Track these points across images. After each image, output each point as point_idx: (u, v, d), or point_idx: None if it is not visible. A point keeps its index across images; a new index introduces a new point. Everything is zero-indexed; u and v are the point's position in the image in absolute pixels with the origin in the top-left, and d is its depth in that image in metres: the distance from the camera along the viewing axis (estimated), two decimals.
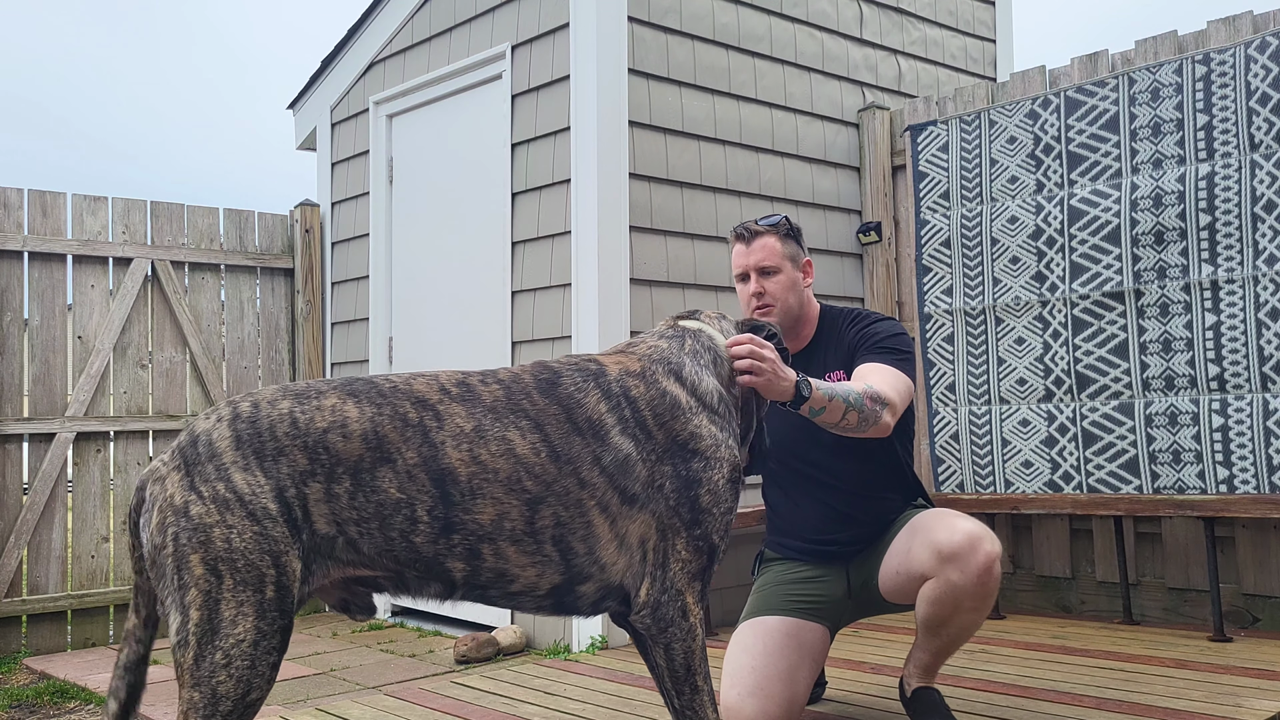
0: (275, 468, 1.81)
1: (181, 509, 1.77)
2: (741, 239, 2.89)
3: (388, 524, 1.86)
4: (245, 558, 1.75)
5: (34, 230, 4.97)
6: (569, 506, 1.96)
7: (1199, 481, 3.98)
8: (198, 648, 1.73)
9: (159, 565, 1.78)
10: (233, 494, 1.77)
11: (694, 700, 2.05)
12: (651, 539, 2.03)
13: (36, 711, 3.84)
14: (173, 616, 1.75)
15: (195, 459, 1.81)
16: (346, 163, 5.67)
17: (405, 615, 5.28)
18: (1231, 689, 3.13)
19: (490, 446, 1.93)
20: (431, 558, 1.90)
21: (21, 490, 4.89)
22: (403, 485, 1.87)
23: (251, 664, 1.74)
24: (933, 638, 2.74)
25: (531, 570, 1.96)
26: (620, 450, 2.02)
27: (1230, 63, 3.99)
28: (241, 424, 1.84)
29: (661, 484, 2.03)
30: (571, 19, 4.40)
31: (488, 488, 1.91)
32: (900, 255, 5.11)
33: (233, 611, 1.74)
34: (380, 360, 5.38)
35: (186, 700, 1.72)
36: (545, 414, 2.00)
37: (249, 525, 1.76)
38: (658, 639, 2.03)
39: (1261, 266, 3.88)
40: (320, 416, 1.87)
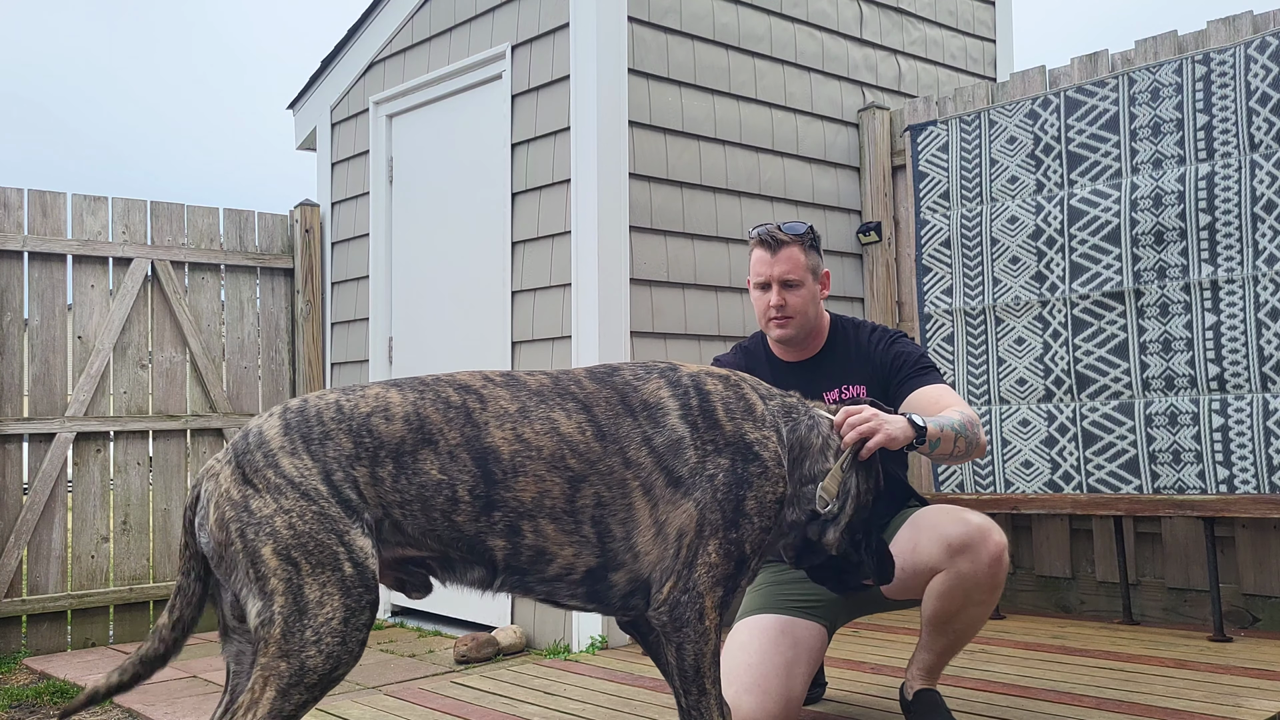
0: (322, 451, 1.85)
1: (240, 503, 1.80)
2: (766, 246, 2.84)
3: (429, 505, 1.90)
4: (314, 539, 1.78)
5: (34, 230, 4.97)
6: (611, 486, 2.00)
7: (1199, 481, 3.98)
8: (284, 625, 1.77)
9: (227, 560, 1.81)
10: (283, 478, 1.81)
11: (701, 702, 2.06)
12: (689, 534, 2.04)
13: (36, 711, 3.84)
14: (252, 602, 1.79)
15: (245, 449, 1.86)
16: (346, 163, 5.67)
17: (405, 615, 5.28)
18: (1231, 689, 3.13)
19: (535, 425, 1.98)
20: (473, 536, 1.94)
21: (21, 490, 4.89)
22: (444, 466, 1.92)
23: (342, 640, 1.78)
24: (939, 635, 2.73)
25: (569, 549, 1.99)
26: (674, 433, 2.06)
27: (1230, 63, 3.99)
28: (290, 414, 1.91)
29: (714, 474, 2.05)
30: (571, 19, 4.40)
31: (530, 465, 1.95)
32: (900, 255, 5.11)
33: (318, 593, 1.77)
34: (380, 360, 5.38)
35: (271, 668, 1.76)
36: (595, 397, 2.06)
37: (306, 506, 1.79)
38: (671, 637, 2.04)
39: (1261, 266, 3.88)
40: (364, 403, 1.93)
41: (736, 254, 4.74)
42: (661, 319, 4.46)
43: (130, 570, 5.15)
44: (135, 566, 5.17)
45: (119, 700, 3.88)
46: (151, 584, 5.18)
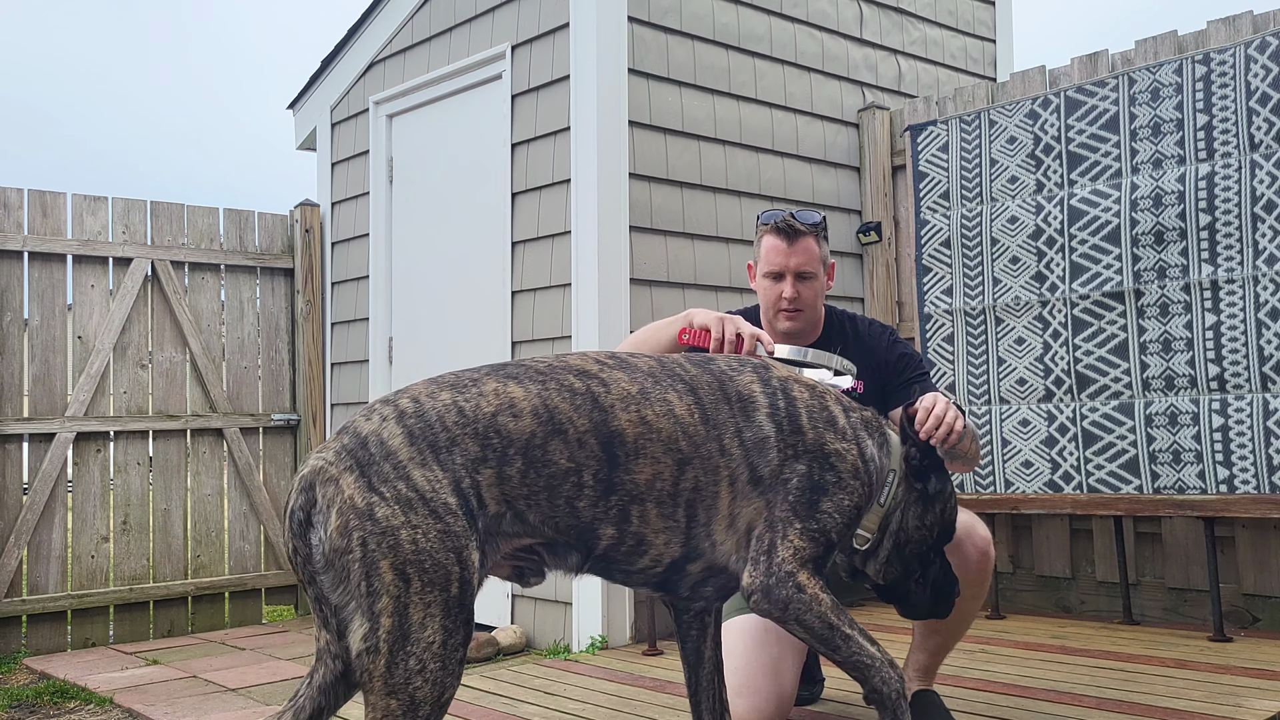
0: (450, 459, 1.81)
1: (366, 512, 1.73)
2: (783, 235, 2.77)
3: (556, 493, 1.89)
4: (432, 558, 1.73)
5: (34, 230, 4.97)
6: (708, 472, 2.01)
7: (1199, 481, 3.98)
8: (389, 655, 1.70)
9: (339, 568, 1.74)
10: (414, 492, 1.76)
11: (848, 646, 2.05)
12: (758, 526, 2.04)
13: (36, 711, 3.84)
14: (357, 623, 1.72)
15: (369, 459, 1.78)
16: (346, 163, 5.67)
17: None
18: (1231, 689, 3.13)
19: (655, 407, 1.99)
20: (588, 522, 1.93)
21: (21, 490, 4.89)
22: (573, 454, 1.91)
23: (443, 665, 1.74)
24: (931, 634, 2.74)
25: (662, 538, 1.99)
26: (762, 430, 2.06)
27: (1230, 63, 3.99)
28: (410, 419, 1.83)
29: (789, 479, 2.06)
30: (571, 19, 4.40)
31: (650, 447, 1.96)
32: (900, 255, 5.11)
33: (421, 614, 1.72)
34: (380, 360, 5.38)
35: (382, 708, 1.70)
36: (698, 380, 2.07)
37: (433, 524, 1.75)
38: (784, 619, 2.04)
39: (1261, 266, 3.88)
40: (485, 402, 1.89)
41: (736, 254, 4.74)
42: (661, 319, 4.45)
43: (130, 570, 5.14)
44: (135, 566, 5.17)
45: (119, 700, 3.88)
46: (151, 584, 5.18)
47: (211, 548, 5.41)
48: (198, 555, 5.36)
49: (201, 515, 5.40)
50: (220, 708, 3.71)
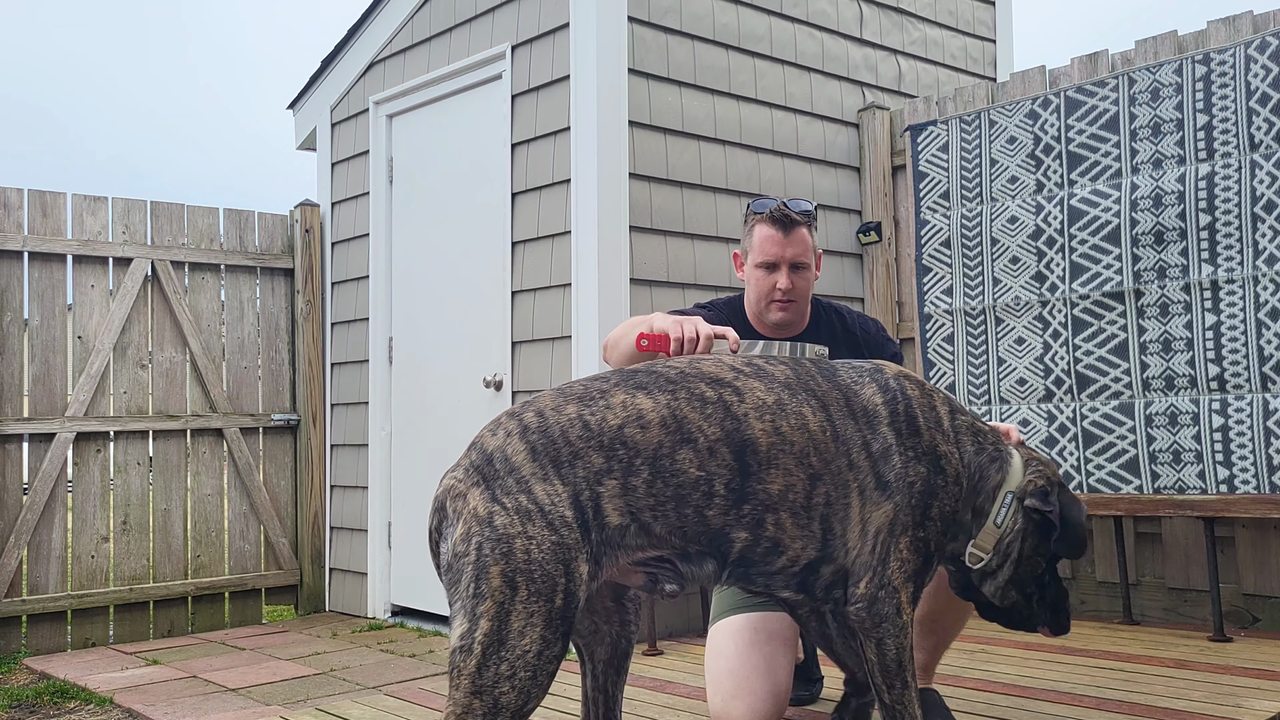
0: (572, 473, 1.84)
1: (486, 519, 1.78)
2: (778, 225, 2.73)
3: (684, 502, 1.91)
4: (542, 568, 1.76)
5: (34, 230, 4.97)
6: (838, 486, 2.04)
7: (1199, 481, 3.98)
8: (482, 656, 1.73)
9: (455, 571, 1.79)
10: (534, 505, 1.80)
11: (904, 695, 2.08)
12: (884, 531, 2.07)
13: (36, 711, 3.84)
14: (459, 621, 1.76)
15: (494, 474, 1.83)
16: (346, 163, 5.67)
17: (405, 615, 5.28)
18: (1231, 689, 3.13)
19: (790, 420, 2.01)
20: (719, 529, 1.95)
21: (21, 490, 4.89)
22: (703, 463, 1.93)
23: (534, 675, 1.75)
24: (928, 634, 2.74)
25: (798, 543, 2.02)
26: (885, 440, 2.09)
27: (1230, 63, 3.99)
28: (533, 435, 1.87)
29: (913, 481, 2.09)
30: (571, 19, 4.40)
31: (782, 459, 1.98)
32: (900, 255, 5.11)
33: (522, 623, 1.74)
34: (380, 360, 5.39)
35: (464, 705, 1.73)
36: (829, 396, 2.09)
37: (548, 535, 1.78)
38: (871, 633, 2.07)
39: (1261, 266, 3.88)
40: (612, 415, 1.91)
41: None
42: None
43: (130, 570, 5.14)
44: (135, 566, 5.17)
45: (119, 700, 3.88)
46: (151, 584, 5.18)
47: (211, 548, 5.41)
48: (198, 555, 5.36)
49: (201, 515, 5.40)
50: (220, 708, 3.71)
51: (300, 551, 5.65)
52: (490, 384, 4.70)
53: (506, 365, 4.65)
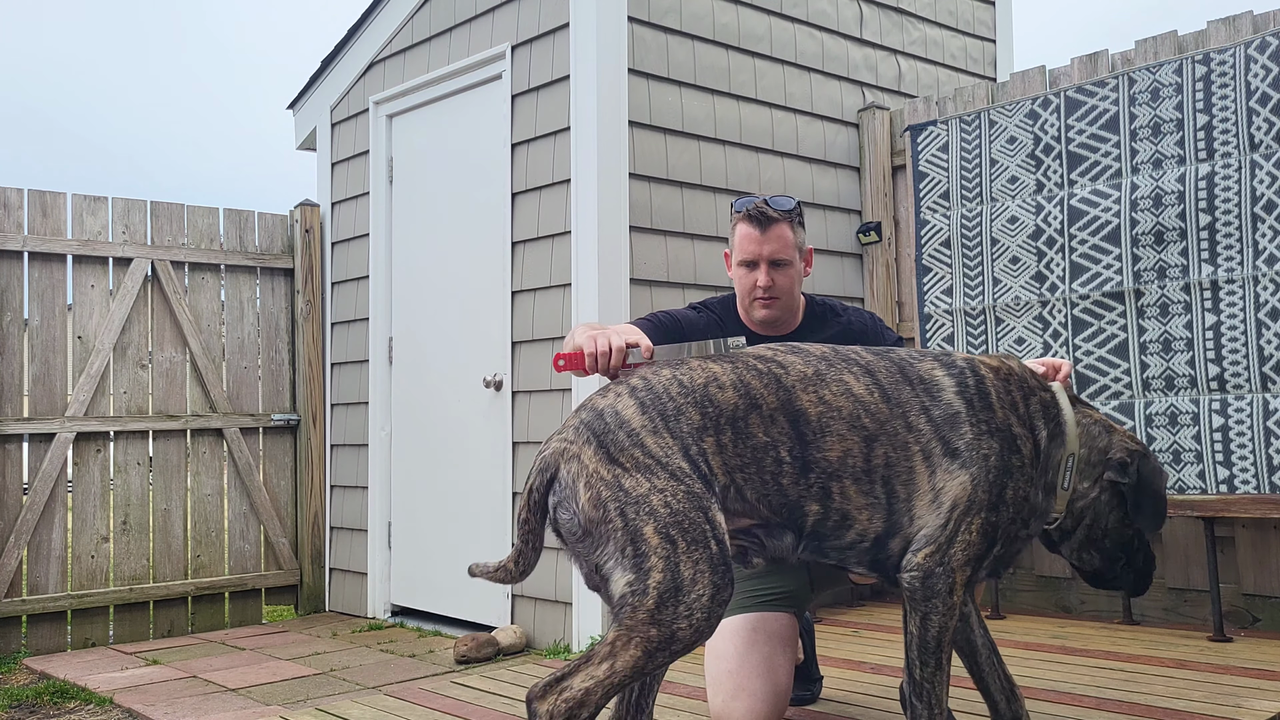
0: (678, 426, 1.93)
1: (613, 482, 1.85)
2: (756, 222, 2.75)
3: (761, 467, 2.00)
4: (687, 517, 1.84)
5: (34, 230, 4.97)
6: (897, 448, 2.08)
7: (1199, 481, 3.98)
8: (659, 598, 1.81)
9: (599, 536, 1.85)
10: (651, 458, 1.88)
11: (935, 676, 2.11)
12: (960, 507, 2.08)
13: (36, 711, 3.84)
14: (621, 573, 1.83)
15: (605, 430, 1.91)
16: (346, 163, 5.67)
17: (405, 615, 5.28)
18: (1231, 689, 3.13)
19: (831, 387, 2.09)
20: (795, 500, 2.03)
21: (21, 490, 4.89)
22: (767, 429, 2.01)
23: (708, 616, 1.84)
24: None
25: (865, 513, 2.07)
26: (951, 407, 2.13)
27: (1230, 63, 3.99)
28: (641, 393, 1.97)
29: (988, 455, 2.11)
30: (571, 19, 4.40)
31: (834, 425, 2.06)
32: (900, 255, 5.11)
33: (691, 571, 1.82)
34: (380, 360, 5.39)
35: (640, 631, 1.81)
36: (875, 365, 2.16)
37: (675, 485, 1.86)
38: (919, 606, 2.09)
39: (1261, 266, 3.88)
40: (696, 375, 2.02)
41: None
42: None
43: (130, 570, 5.14)
44: (135, 566, 5.17)
45: (119, 700, 3.88)
46: (151, 584, 5.18)
47: (211, 548, 5.41)
48: (198, 555, 5.36)
49: (201, 515, 5.40)
50: (220, 708, 3.71)
51: (300, 551, 5.65)
52: (490, 384, 4.70)
53: (506, 365, 4.65)
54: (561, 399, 4.40)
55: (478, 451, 4.83)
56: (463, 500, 4.91)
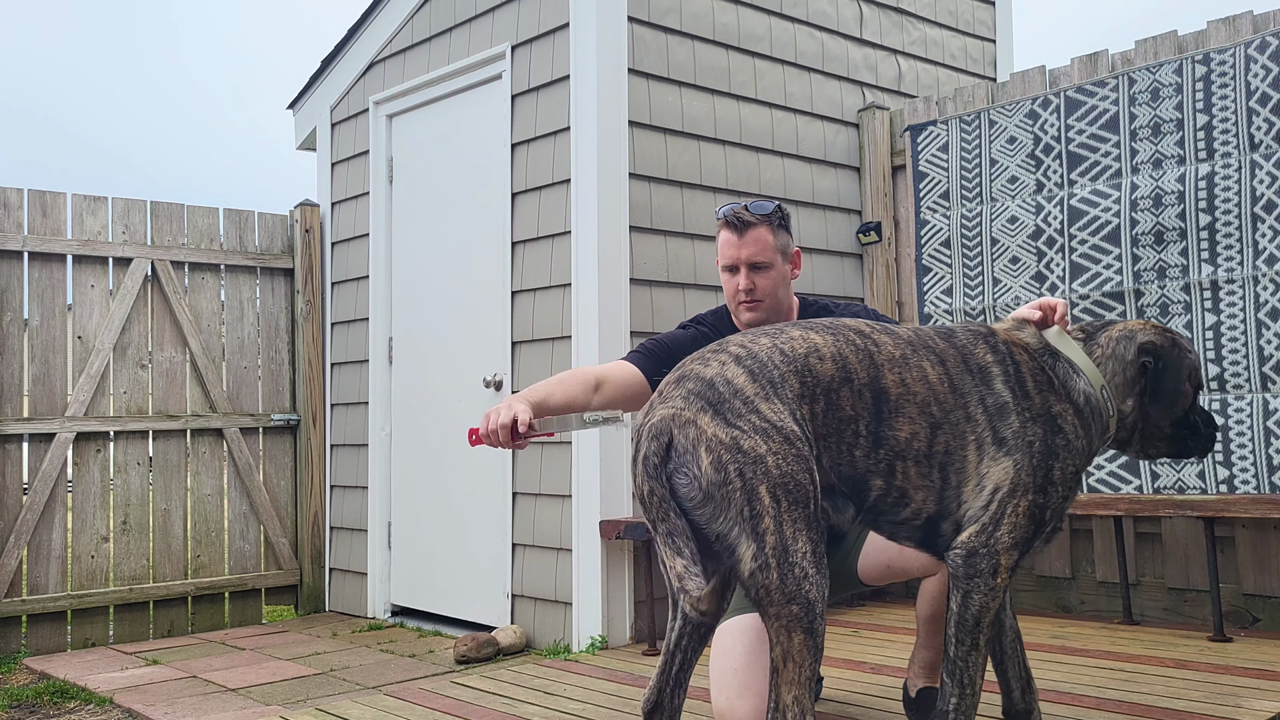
0: (783, 392, 2.00)
1: (732, 445, 1.91)
2: (732, 228, 2.78)
3: (841, 438, 2.07)
4: (794, 479, 1.92)
5: (34, 230, 4.97)
6: (956, 436, 2.15)
7: (1199, 481, 3.98)
8: (779, 568, 1.88)
9: (720, 499, 1.90)
10: (766, 423, 1.94)
11: (970, 656, 2.14)
12: (1003, 490, 2.13)
13: (36, 711, 3.84)
14: (744, 545, 1.89)
15: (719, 398, 1.96)
16: (346, 163, 5.67)
17: (405, 615, 5.28)
18: (1231, 689, 3.13)
19: (912, 372, 2.15)
20: (862, 473, 2.10)
21: (21, 490, 4.89)
22: (854, 403, 2.08)
23: (818, 569, 1.92)
24: (936, 634, 2.76)
25: (920, 494, 2.14)
26: (1001, 397, 2.19)
27: (1230, 63, 4.00)
28: (748, 361, 2.02)
29: (1031, 441, 2.17)
30: (571, 19, 4.40)
31: (908, 408, 2.12)
32: (900, 255, 5.11)
33: (791, 529, 1.90)
34: (380, 360, 5.39)
35: (786, 615, 1.88)
36: (946, 353, 2.21)
37: (788, 448, 1.93)
38: (960, 584, 2.14)
39: (1261, 266, 3.88)
40: (797, 345, 2.08)
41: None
42: (661, 319, 4.46)
43: (130, 570, 5.15)
44: (135, 566, 5.17)
45: (119, 700, 3.88)
46: (151, 584, 5.18)
47: (211, 548, 5.41)
48: (198, 555, 5.37)
49: (201, 515, 5.40)
50: (220, 708, 3.71)
51: (300, 551, 5.65)
52: (490, 384, 4.70)
53: (506, 365, 4.65)
54: None
55: (478, 452, 4.83)
56: (463, 500, 4.91)
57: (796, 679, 1.90)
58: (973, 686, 2.13)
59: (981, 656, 2.14)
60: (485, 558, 4.76)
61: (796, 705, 1.90)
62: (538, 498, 4.50)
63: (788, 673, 1.90)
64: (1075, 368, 2.28)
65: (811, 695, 1.92)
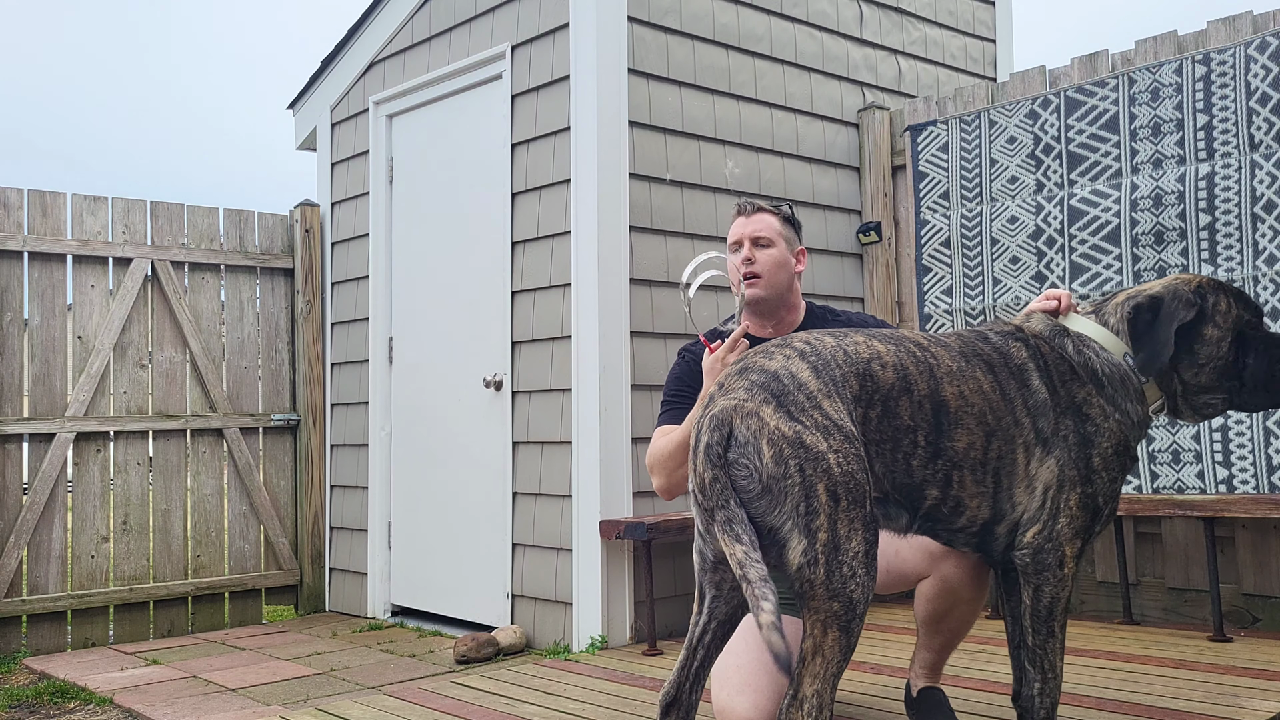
0: (844, 392, 2.02)
1: (795, 439, 1.91)
2: (742, 211, 2.97)
3: (897, 445, 2.09)
4: (853, 478, 1.93)
5: (34, 230, 4.97)
6: (1007, 441, 2.20)
7: (1198, 481, 3.98)
8: (827, 564, 1.90)
9: (778, 492, 1.91)
10: (828, 420, 1.95)
11: (1047, 644, 2.25)
12: (1053, 488, 2.21)
13: (36, 711, 3.84)
14: (795, 539, 1.90)
15: (783, 391, 1.97)
16: (346, 163, 5.67)
17: (405, 615, 5.28)
18: (1231, 689, 3.13)
19: (969, 384, 2.19)
20: (919, 482, 2.13)
21: (21, 490, 4.89)
22: (913, 414, 2.11)
23: (867, 570, 1.93)
24: (935, 634, 2.77)
25: (975, 501, 2.18)
26: (1039, 394, 2.24)
27: (1230, 63, 4.00)
28: (812, 357, 2.04)
29: (1065, 434, 2.23)
30: (571, 19, 4.40)
31: (966, 419, 2.16)
32: (900, 255, 5.11)
33: (846, 529, 1.91)
34: (380, 360, 5.39)
35: (827, 610, 1.90)
36: (993, 360, 2.25)
37: (848, 447, 1.94)
38: (1030, 579, 2.23)
39: (1261, 266, 3.88)
40: (861, 349, 2.11)
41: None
42: (661, 319, 4.46)
43: (130, 570, 5.14)
44: (135, 566, 5.17)
45: (119, 700, 3.88)
46: (151, 584, 5.18)
47: (211, 548, 5.41)
48: (198, 555, 5.36)
49: (201, 515, 5.40)
50: (220, 708, 3.71)
51: (300, 551, 5.65)
52: (490, 384, 4.70)
53: (506, 365, 4.65)
54: (561, 399, 4.40)
55: (478, 451, 4.83)
56: (463, 500, 4.91)
57: (822, 674, 1.91)
58: (1054, 671, 2.25)
59: (1059, 643, 2.25)
60: (485, 558, 4.76)
61: (816, 699, 1.90)
62: (538, 498, 4.50)
63: (814, 666, 1.91)
64: (1085, 340, 2.31)
65: (834, 692, 1.93)
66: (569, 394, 4.36)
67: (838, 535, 1.90)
